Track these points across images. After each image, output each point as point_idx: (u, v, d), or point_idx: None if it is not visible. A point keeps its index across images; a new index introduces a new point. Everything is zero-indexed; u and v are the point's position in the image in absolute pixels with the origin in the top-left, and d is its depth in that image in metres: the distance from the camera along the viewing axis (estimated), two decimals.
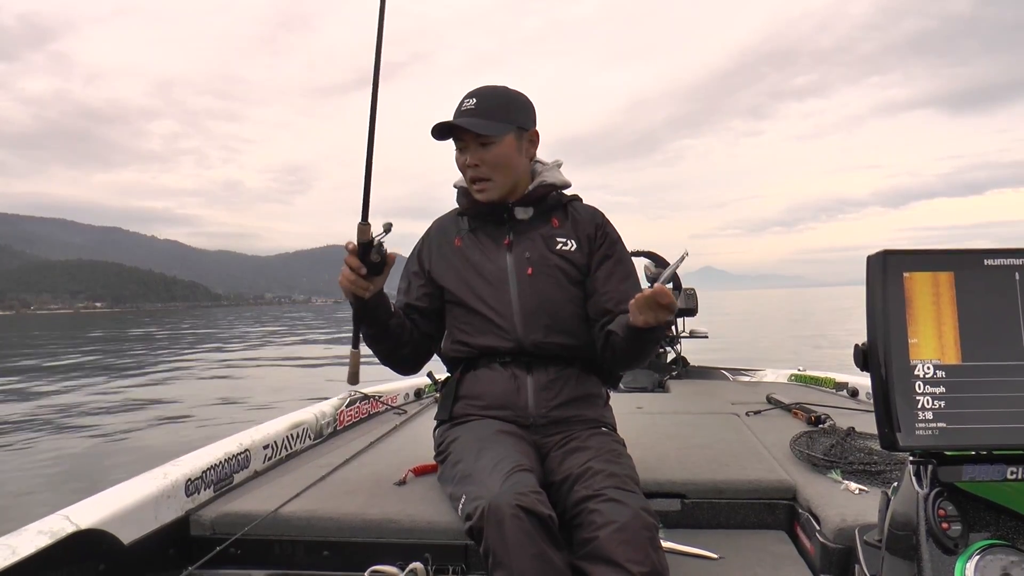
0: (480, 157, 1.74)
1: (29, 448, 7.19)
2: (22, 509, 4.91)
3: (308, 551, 1.68)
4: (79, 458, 6.74)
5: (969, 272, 1.06)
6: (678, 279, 4.52)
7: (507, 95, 1.77)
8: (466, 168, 1.77)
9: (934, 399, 1.02)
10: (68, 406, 10.32)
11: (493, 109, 1.73)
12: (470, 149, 1.74)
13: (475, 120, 1.71)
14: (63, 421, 9.02)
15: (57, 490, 5.48)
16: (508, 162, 1.76)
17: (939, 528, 0.99)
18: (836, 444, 2.04)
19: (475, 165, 1.74)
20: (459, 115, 1.72)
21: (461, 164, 1.78)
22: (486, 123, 1.71)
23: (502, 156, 1.75)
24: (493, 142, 1.73)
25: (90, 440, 7.62)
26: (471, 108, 1.72)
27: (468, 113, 1.71)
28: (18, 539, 1.34)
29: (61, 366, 17.86)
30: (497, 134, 1.73)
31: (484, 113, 1.72)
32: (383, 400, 3.08)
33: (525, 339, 1.74)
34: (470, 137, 1.73)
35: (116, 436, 7.74)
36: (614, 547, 1.29)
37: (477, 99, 1.73)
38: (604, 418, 1.81)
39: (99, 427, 8.42)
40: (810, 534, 1.62)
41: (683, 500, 1.82)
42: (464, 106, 1.72)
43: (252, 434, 2.16)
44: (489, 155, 1.74)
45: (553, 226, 1.84)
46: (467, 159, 1.75)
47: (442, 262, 1.85)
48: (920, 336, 1.04)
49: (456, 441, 1.69)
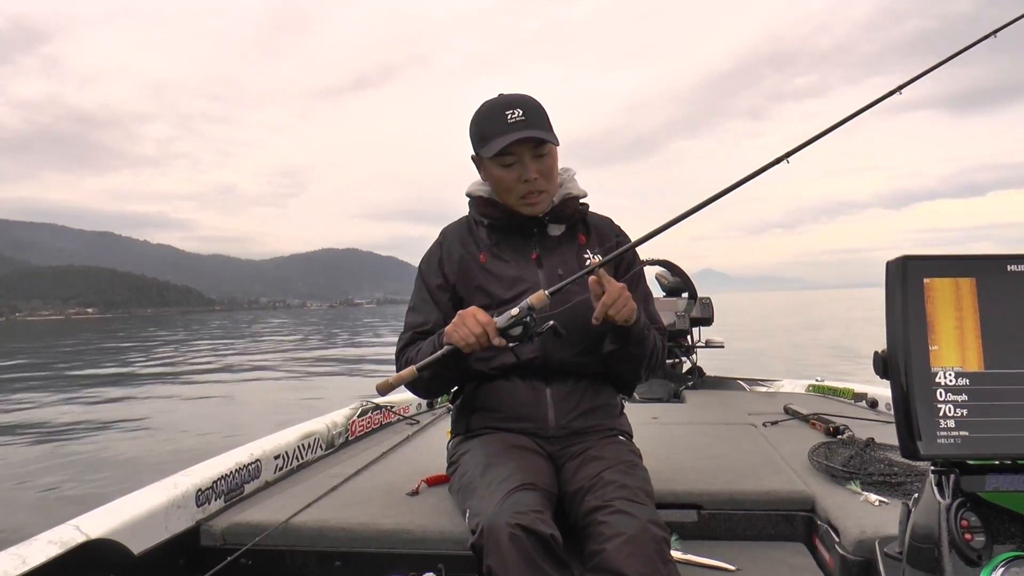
0: (537, 169, 1.69)
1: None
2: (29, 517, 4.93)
3: (320, 562, 1.67)
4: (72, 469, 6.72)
5: (991, 278, 1.04)
6: (693, 287, 4.48)
7: (539, 104, 1.72)
8: (519, 183, 1.70)
9: (956, 407, 1.00)
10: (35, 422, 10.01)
11: (541, 119, 1.69)
12: (524, 163, 1.68)
13: (543, 132, 1.66)
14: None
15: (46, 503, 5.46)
16: (555, 174, 1.75)
17: (962, 540, 0.97)
18: (855, 455, 2.01)
19: (534, 178, 1.69)
20: (515, 128, 1.65)
21: (512, 179, 1.70)
22: (547, 133, 1.68)
23: (553, 167, 1.73)
24: (546, 153, 1.70)
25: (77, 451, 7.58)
26: (522, 119, 1.65)
27: (523, 125, 1.65)
28: (28, 549, 1.34)
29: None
30: (556, 143, 1.70)
31: (536, 124, 1.67)
32: (395, 411, 3.08)
33: (552, 356, 1.72)
34: (525, 150, 1.67)
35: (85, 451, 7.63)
36: (622, 560, 1.28)
37: (523, 109, 1.66)
38: (621, 426, 1.80)
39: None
40: (829, 546, 1.59)
41: (699, 511, 1.79)
42: (512, 118, 1.65)
43: (263, 444, 2.16)
44: (544, 167, 1.70)
45: (580, 243, 1.82)
46: (522, 174, 1.69)
47: (466, 277, 1.79)
48: (941, 343, 1.02)
49: (467, 454, 1.67)
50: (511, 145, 1.65)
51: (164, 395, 12.97)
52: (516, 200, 1.74)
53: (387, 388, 1.60)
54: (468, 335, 1.52)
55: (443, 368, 1.61)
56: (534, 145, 1.68)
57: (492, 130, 1.68)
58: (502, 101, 1.70)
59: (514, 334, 1.53)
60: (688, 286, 4.49)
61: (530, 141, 1.66)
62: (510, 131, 1.65)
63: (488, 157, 1.69)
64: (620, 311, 1.55)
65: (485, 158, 1.71)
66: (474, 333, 1.52)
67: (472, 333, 1.52)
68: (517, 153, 1.68)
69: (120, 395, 12.98)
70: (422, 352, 1.68)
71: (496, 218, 1.80)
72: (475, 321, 1.52)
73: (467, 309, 1.56)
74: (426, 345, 1.70)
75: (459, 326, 1.53)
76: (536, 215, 1.76)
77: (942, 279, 1.04)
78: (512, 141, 1.64)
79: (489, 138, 1.68)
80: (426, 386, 1.72)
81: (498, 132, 1.66)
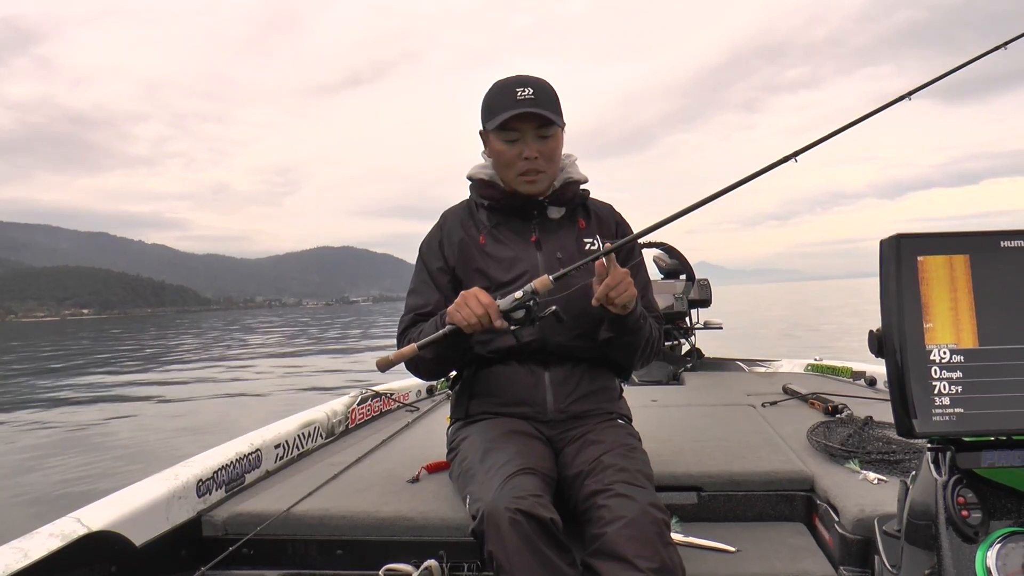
0: (538, 149, 1.70)
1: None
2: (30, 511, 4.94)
3: (321, 550, 1.67)
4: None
5: (985, 255, 1.04)
6: (691, 270, 4.48)
7: (552, 87, 1.73)
8: (519, 159, 1.71)
9: (951, 384, 1.00)
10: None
11: (550, 100, 1.70)
12: (526, 140, 1.70)
13: (549, 112, 1.67)
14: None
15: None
16: (558, 155, 1.76)
17: (959, 516, 0.97)
18: (854, 434, 2.01)
19: (534, 156, 1.70)
20: (521, 104, 1.66)
21: (512, 155, 1.71)
22: (554, 115, 1.68)
23: (556, 149, 1.74)
24: (552, 134, 1.71)
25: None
26: (531, 98, 1.66)
27: (530, 103, 1.66)
28: (30, 542, 1.35)
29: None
30: (562, 126, 1.72)
31: (544, 104, 1.68)
32: (395, 398, 3.08)
33: (551, 340, 1.72)
34: (529, 128, 1.69)
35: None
36: (622, 543, 1.28)
37: (533, 89, 1.68)
38: (620, 410, 1.80)
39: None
40: (828, 525, 1.60)
41: (699, 493, 1.80)
42: (521, 95, 1.67)
43: (263, 434, 2.16)
44: (547, 147, 1.71)
45: (580, 227, 1.82)
46: (523, 150, 1.70)
47: (465, 259, 1.79)
48: (935, 320, 1.02)
49: (466, 440, 1.68)
50: (516, 121, 1.67)
51: (161, 390, 12.97)
52: (514, 177, 1.74)
53: (387, 364, 1.60)
54: (470, 315, 1.52)
55: (445, 348, 1.62)
56: (538, 124, 1.68)
57: (500, 104, 1.69)
58: (515, 79, 1.71)
59: (516, 317, 1.53)
60: (686, 268, 4.49)
61: (534, 119, 1.67)
62: (517, 107, 1.66)
63: (492, 129, 1.70)
64: (621, 295, 1.55)
65: (490, 131, 1.72)
66: (476, 314, 1.52)
67: (474, 314, 1.52)
68: (521, 130, 1.69)
69: (119, 392, 13.03)
70: (424, 333, 1.68)
71: (496, 200, 1.80)
72: (477, 302, 1.52)
73: (469, 290, 1.56)
74: (428, 326, 1.70)
75: (461, 306, 1.53)
76: (533, 194, 1.76)
77: (936, 257, 1.04)
78: (516, 115, 1.65)
79: (496, 112, 1.69)
80: (428, 367, 1.73)
81: (506, 106, 1.67)
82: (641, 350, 1.73)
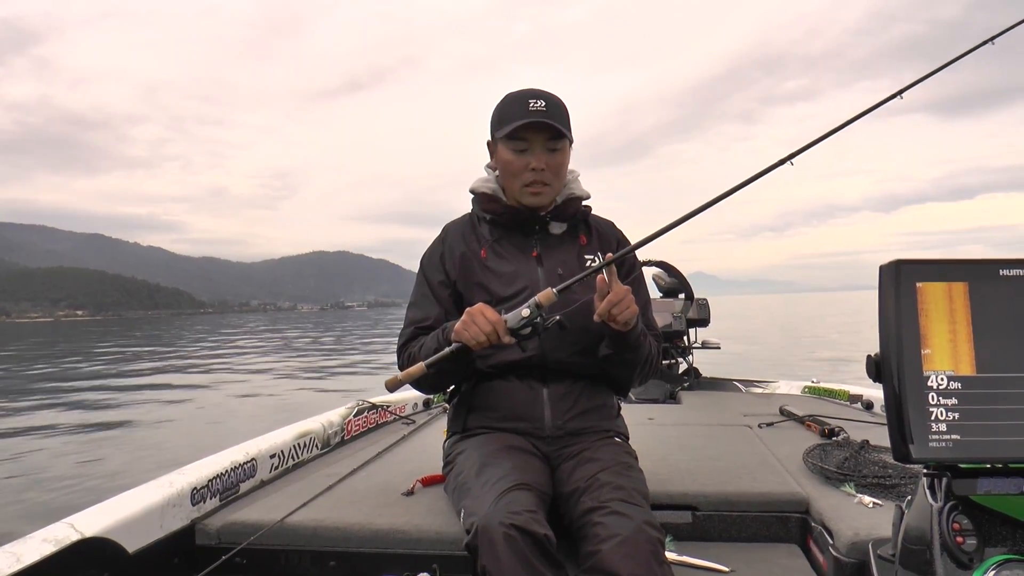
0: (546, 161, 1.71)
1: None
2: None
3: (314, 561, 1.67)
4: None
5: (984, 283, 1.04)
6: (690, 288, 4.49)
7: (564, 104, 1.74)
8: (526, 170, 1.72)
9: (948, 411, 1.00)
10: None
11: (561, 115, 1.71)
12: (535, 151, 1.71)
13: (560, 125, 1.68)
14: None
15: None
16: (564, 170, 1.77)
17: (953, 542, 0.97)
18: (850, 457, 2.02)
19: (541, 168, 1.71)
20: (533, 115, 1.67)
21: (520, 165, 1.72)
22: (564, 128, 1.70)
23: (563, 164, 1.75)
24: (561, 148, 1.72)
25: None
26: (543, 110, 1.68)
27: (542, 114, 1.67)
28: (23, 547, 1.34)
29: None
30: (571, 140, 1.73)
31: (555, 117, 1.69)
32: (391, 410, 3.08)
33: (550, 356, 1.72)
34: (538, 139, 1.70)
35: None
36: (616, 561, 1.28)
37: (546, 102, 1.69)
38: (617, 428, 1.80)
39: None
40: (823, 548, 1.60)
41: (694, 512, 1.80)
42: (534, 106, 1.68)
43: (259, 443, 2.16)
44: (554, 160, 1.72)
45: (581, 243, 1.83)
46: (531, 161, 1.71)
47: (466, 273, 1.79)
48: (934, 347, 1.03)
49: (463, 454, 1.68)
50: (526, 131, 1.68)
51: (157, 395, 12.90)
52: (520, 188, 1.75)
53: (396, 385, 1.60)
54: (478, 333, 1.52)
55: (449, 363, 1.61)
56: (548, 137, 1.69)
57: (512, 113, 1.70)
58: (529, 91, 1.72)
59: (524, 333, 1.53)
60: (685, 287, 4.50)
61: (545, 131, 1.68)
62: (529, 117, 1.67)
63: (501, 138, 1.71)
64: (623, 312, 1.55)
65: (499, 139, 1.73)
66: (484, 332, 1.52)
67: (482, 331, 1.52)
68: (530, 140, 1.70)
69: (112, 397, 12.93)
70: (425, 347, 1.69)
71: (498, 214, 1.81)
72: (485, 320, 1.52)
73: (475, 307, 1.55)
74: (429, 340, 1.70)
75: (469, 324, 1.53)
76: (537, 207, 1.77)
77: (935, 283, 1.04)
78: (527, 124, 1.66)
79: (507, 121, 1.70)
80: (431, 381, 1.71)
81: (517, 116, 1.68)
82: (640, 368, 1.73)
